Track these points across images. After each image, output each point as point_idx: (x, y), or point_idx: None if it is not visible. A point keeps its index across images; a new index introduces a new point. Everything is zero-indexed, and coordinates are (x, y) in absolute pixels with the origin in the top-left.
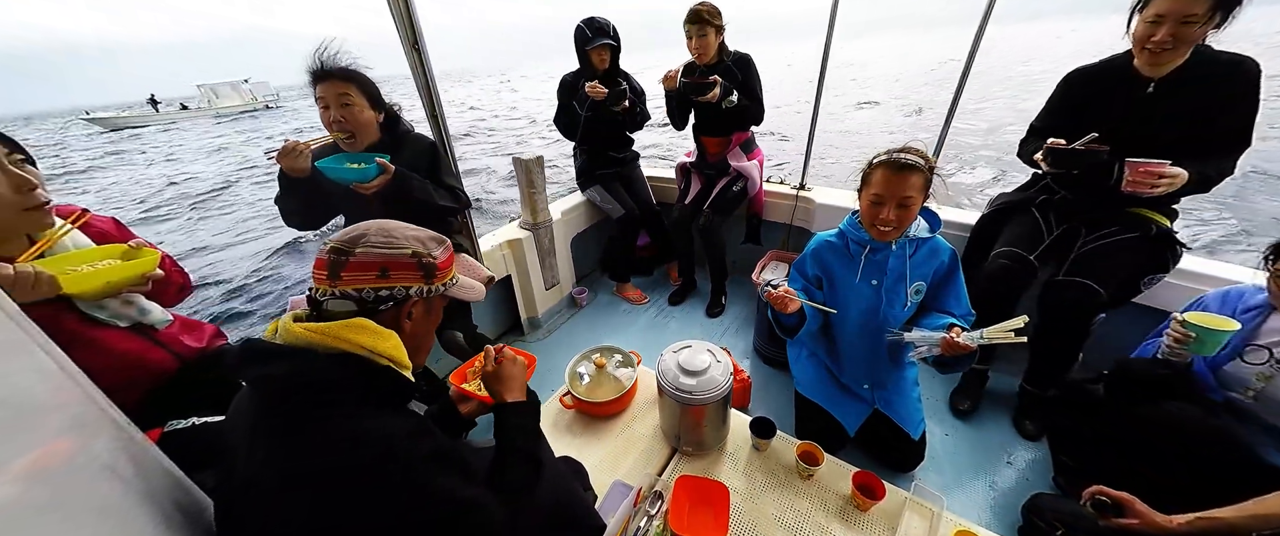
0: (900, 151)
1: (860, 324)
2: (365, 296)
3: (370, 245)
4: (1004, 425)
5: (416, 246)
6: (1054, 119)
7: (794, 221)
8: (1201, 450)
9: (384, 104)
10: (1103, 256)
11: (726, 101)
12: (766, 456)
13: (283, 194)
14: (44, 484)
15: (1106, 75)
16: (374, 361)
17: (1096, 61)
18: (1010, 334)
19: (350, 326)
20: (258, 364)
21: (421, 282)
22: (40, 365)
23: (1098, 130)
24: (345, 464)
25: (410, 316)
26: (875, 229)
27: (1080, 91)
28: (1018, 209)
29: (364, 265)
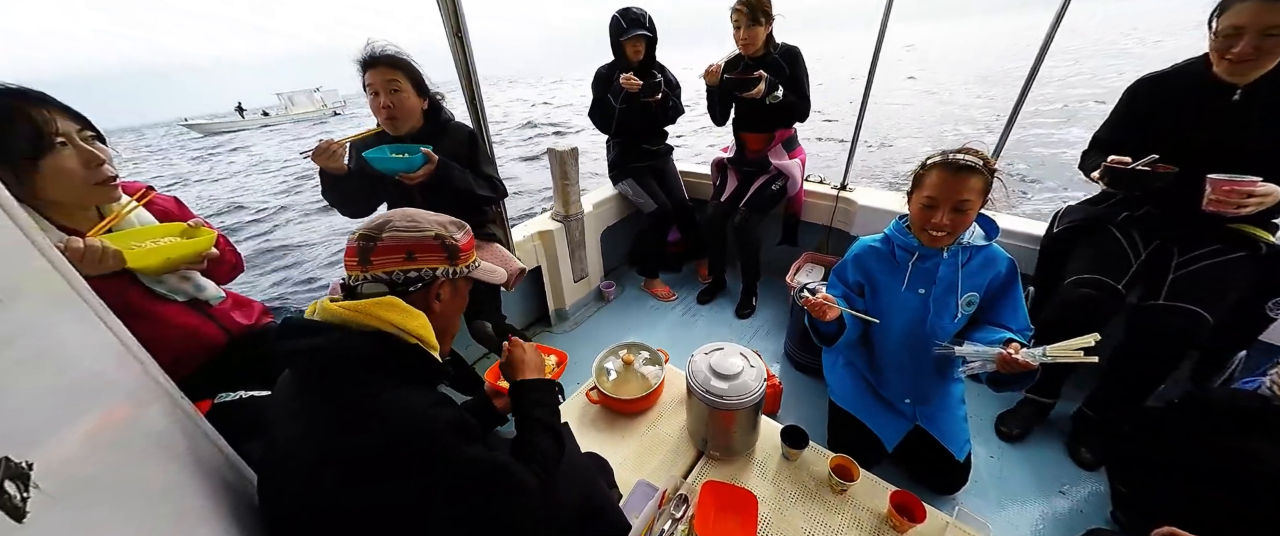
0: (958, 152)
1: (904, 334)
2: (395, 278)
3: (396, 230)
4: (1057, 451)
5: (438, 229)
6: (1119, 130)
7: (833, 223)
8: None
9: (428, 91)
10: (1207, 278)
11: (771, 97)
12: (797, 467)
13: (325, 189)
14: (101, 449)
15: (1179, 82)
16: (403, 339)
17: (1167, 67)
18: (1078, 352)
19: (381, 304)
20: (295, 337)
21: (446, 264)
22: (102, 338)
23: (1168, 141)
24: (376, 437)
25: (439, 298)
26: (926, 234)
27: (1147, 100)
28: (1094, 226)
29: (391, 248)
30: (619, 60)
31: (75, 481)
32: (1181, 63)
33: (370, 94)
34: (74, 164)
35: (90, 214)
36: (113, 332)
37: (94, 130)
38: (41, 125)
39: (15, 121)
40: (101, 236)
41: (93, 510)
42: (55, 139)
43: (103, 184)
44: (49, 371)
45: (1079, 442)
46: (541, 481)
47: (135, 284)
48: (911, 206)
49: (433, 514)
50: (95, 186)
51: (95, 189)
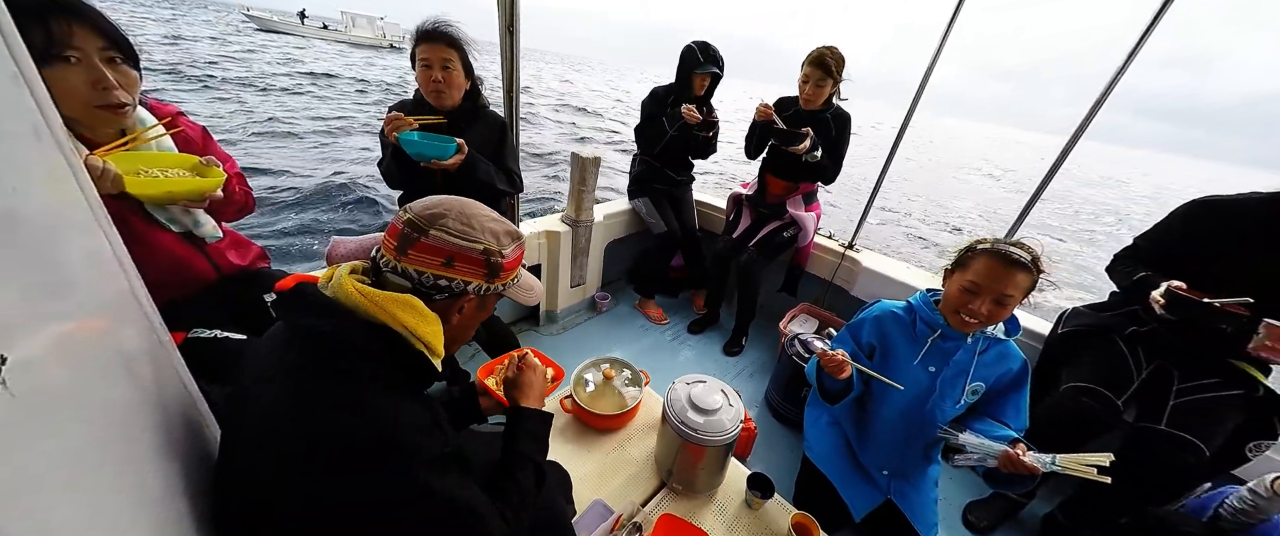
0: (1012, 245)
1: (904, 409)
2: (424, 281)
3: (447, 230)
4: None
5: (490, 241)
6: (1165, 248)
7: (835, 279)
8: None
9: (474, 74)
10: (1205, 411)
11: (809, 155)
12: (757, 515)
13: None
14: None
15: (1244, 211)
16: (410, 342)
17: (1234, 195)
18: (1091, 469)
19: (398, 302)
20: (304, 313)
21: (483, 280)
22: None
23: (1227, 266)
24: (353, 432)
25: (461, 310)
26: (957, 316)
27: (1206, 224)
28: (1100, 335)
29: (434, 249)
30: (681, 88)
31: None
32: (1247, 194)
33: (422, 66)
34: (79, 81)
35: (111, 130)
36: (109, 243)
37: (123, 51)
38: (54, 35)
39: (31, 24)
40: (110, 155)
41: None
42: (65, 52)
43: (107, 108)
44: (40, 266)
45: None
46: (510, 526)
47: (138, 209)
48: (949, 286)
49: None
50: (97, 110)
51: (97, 112)
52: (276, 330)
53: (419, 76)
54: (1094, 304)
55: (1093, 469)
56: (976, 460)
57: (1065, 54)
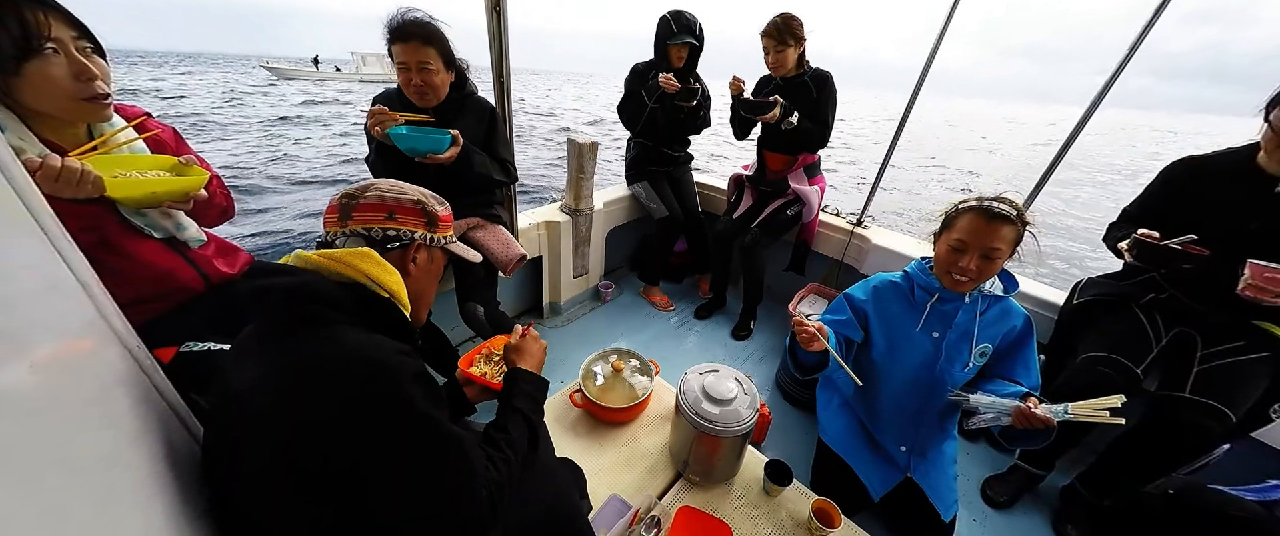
0: (993, 199)
1: (912, 378)
2: (374, 235)
3: (380, 190)
4: (1040, 524)
5: (420, 196)
6: (1151, 209)
7: (845, 258)
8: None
9: (455, 63)
10: (1232, 376)
11: (785, 123)
12: (776, 503)
13: (374, 155)
14: (34, 397)
15: (1220, 168)
16: (375, 290)
17: (1209, 152)
18: (1104, 412)
19: (356, 253)
20: (265, 276)
21: (425, 229)
22: (57, 276)
23: (1210, 224)
24: (336, 375)
25: (415, 261)
26: (949, 277)
27: (1186, 183)
28: (1117, 303)
29: (373, 206)
30: (659, 61)
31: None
32: (1224, 150)
33: (399, 68)
34: (62, 73)
35: (78, 132)
36: (68, 266)
37: (93, 42)
38: (33, 26)
39: (4, 18)
40: (87, 158)
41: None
42: (45, 43)
43: (91, 100)
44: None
45: (1065, 519)
46: (497, 473)
47: (113, 214)
48: (938, 248)
49: (382, 468)
50: (82, 102)
51: (82, 104)
52: (247, 330)
53: (399, 79)
54: (1110, 273)
55: (1104, 411)
56: (991, 419)
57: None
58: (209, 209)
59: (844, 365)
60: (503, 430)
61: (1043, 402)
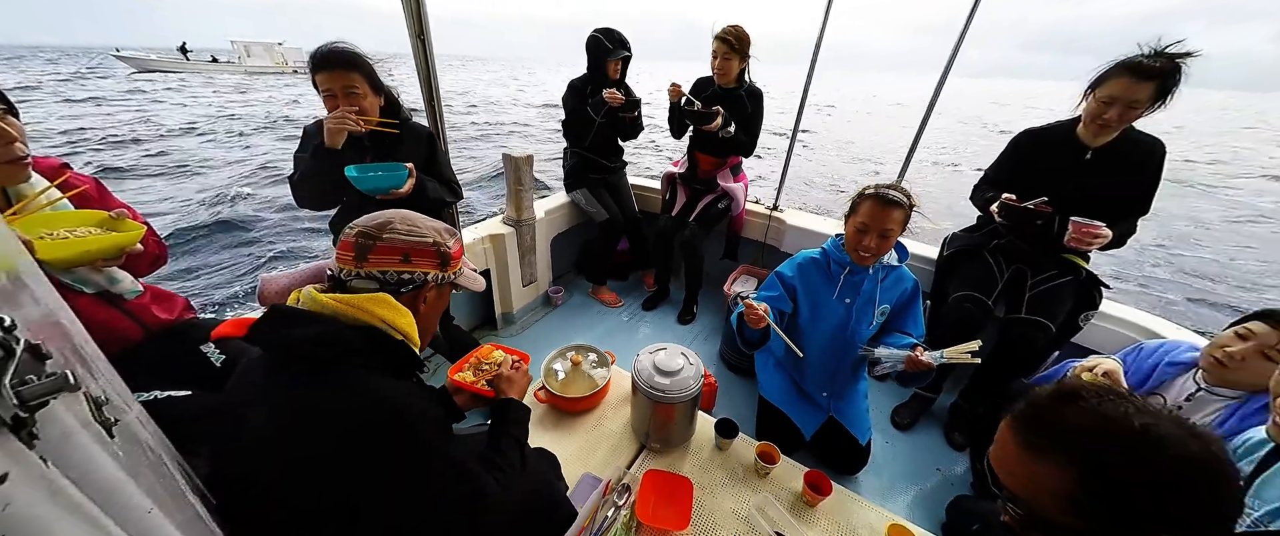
0: (888, 187)
1: (830, 338)
2: (388, 278)
3: (396, 232)
4: (936, 437)
5: (435, 236)
6: (1004, 172)
7: (766, 239)
8: None
9: (383, 87)
10: (1051, 297)
11: (723, 132)
12: (728, 455)
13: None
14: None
15: (1053, 138)
16: (390, 335)
17: (1045, 124)
18: (967, 355)
19: (374, 300)
20: (287, 326)
21: (438, 269)
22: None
23: (1042, 186)
24: (365, 417)
25: (425, 301)
26: (857, 253)
27: (1029, 150)
28: (972, 252)
29: (390, 250)
30: (596, 76)
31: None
32: (1056, 123)
33: (326, 97)
34: None
35: None
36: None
37: (6, 103)
38: None
39: None
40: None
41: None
42: None
43: (10, 164)
44: None
45: (953, 428)
46: (503, 489)
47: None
48: (847, 228)
49: (402, 499)
50: (1, 166)
51: (1, 169)
52: (248, 367)
53: (327, 108)
54: (968, 227)
55: (967, 354)
56: (890, 367)
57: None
58: (140, 260)
59: (787, 341)
60: (500, 453)
61: (926, 350)
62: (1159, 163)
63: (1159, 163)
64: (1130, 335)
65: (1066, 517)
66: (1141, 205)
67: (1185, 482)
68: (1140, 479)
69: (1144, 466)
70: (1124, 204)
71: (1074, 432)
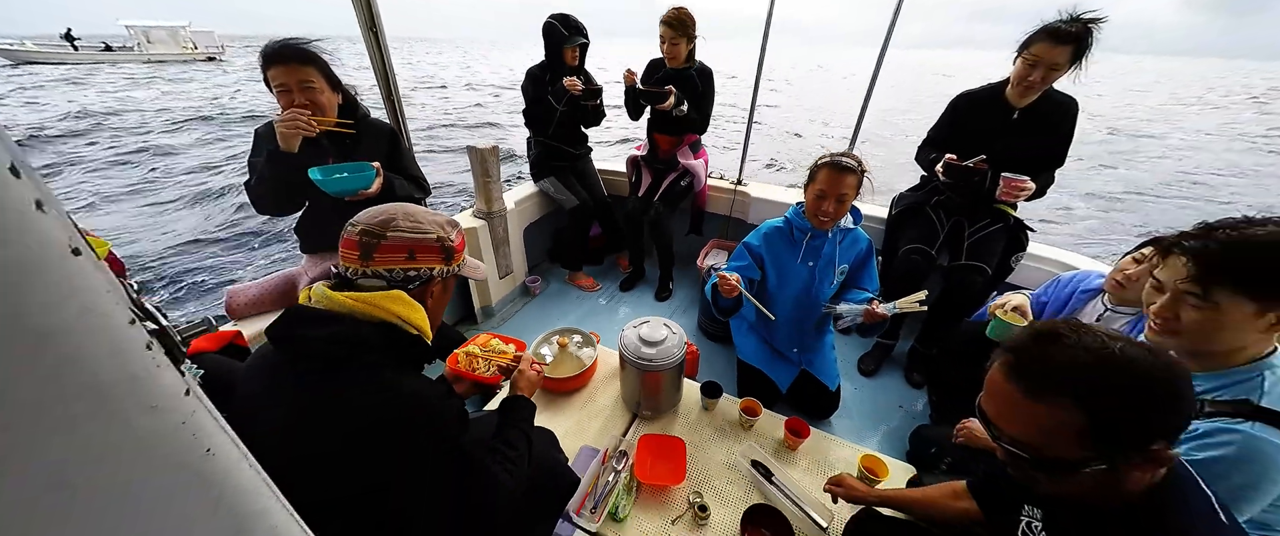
0: (842, 155)
1: (795, 299)
2: (395, 276)
3: (400, 229)
4: (897, 378)
5: (439, 231)
6: (943, 132)
7: (732, 213)
8: None
9: (342, 85)
10: (985, 243)
11: (677, 110)
12: (714, 414)
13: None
14: None
15: (986, 100)
16: (405, 330)
17: (979, 87)
18: (916, 304)
19: (388, 297)
20: (306, 325)
21: (443, 264)
22: None
23: (976, 145)
24: (388, 412)
25: (432, 295)
26: (817, 218)
27: (965, 112)
28: (916, 208)
29: (395, 247)
30: (554, 64)
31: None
32: (988, 85)
33: (280, 93)
34: None
35: None
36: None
37: None
38: None
39: None
40: None
41: None
42: None
43: None
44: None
45: (911, 369)
46: (514, 480)
47: None
48: (806, 196)
49: (422, 489)
50: None
51: None
52: (257, 364)
53: (282, 105)
54: (912, 186)
55: (916, 303)
56: (851, 320)
57: None
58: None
59: (758, 306)
60: (510, 445)
61: (881, 303)
62: (1073, 120)
63: (1073, 120)
64: (1052, 270)
65: (1076, 451)
66: (1058, 159)
67: (1165, 389)
68: (1134, 399)
69: (1135, 387)
70: (1045, 159)
71: (1066, 370)
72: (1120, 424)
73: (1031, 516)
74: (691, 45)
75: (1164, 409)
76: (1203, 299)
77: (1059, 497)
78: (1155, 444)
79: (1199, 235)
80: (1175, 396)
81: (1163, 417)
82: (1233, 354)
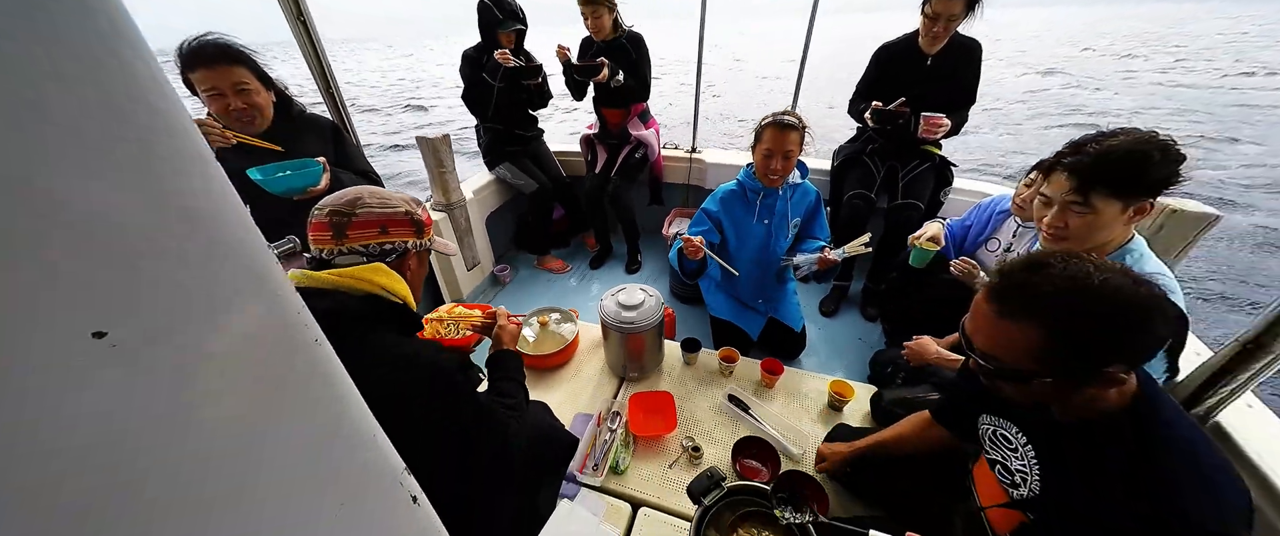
0: (783, 113)
1: (755, 256)
2: (371, 251)
3: (368, 206)
4: (855, 315)
5: (406, 205)
6: (871, 84)
7: (690, 181)
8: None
9: (273, 83)
10: (917, 182)
11: (614, 81)
12: (695, 367)
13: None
14: None
15: (903, 50)
16: (391, 299)
17: (897, 38)
18: (862, 246)
19: (371, 269)
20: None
21: (415, 237)
22: None
23: (899, 91)
24: (403, 376)
25: (409, 268)
26: (767, 177)
27: (886, 63)
28: (855, 158)
29: (367, 224)
30: (490, 45)
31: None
32: (904, 36)
33: (209, 97)
34: None
35: None
36: None
37: None
38: None
39: None
40: None
41: None
42: None
43: None
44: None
45: (866, 305)
46: (520, 426)
47: None
48: (755, 156)
49: (437, 441)
50: None
51: None
52: None
53: (212, 109)
54: (850, 139)
55: (861, 246)
56: (808, 269)
57: None
58: None
59: (722, 263)
60: (507, 395)
61: (832, 249)
62: (977, 60)
63: (977, 60)
64: (974, 199)
65: (1030, 365)
66: (970, 97)
67: (1132, 318)
68: (1097, 324)
69: (1102, 313)
70: (959, 98)
71: (1045, 295)
72: (1075, 346)
73: (992, 424)
74: (614, 14)
75: (1129, 335)
76: (1084, 205)
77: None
78: (1110, 366)
79: (1072, 152)
80: (1142, 325)
81: (1123, 343)
82: (1104, 246)
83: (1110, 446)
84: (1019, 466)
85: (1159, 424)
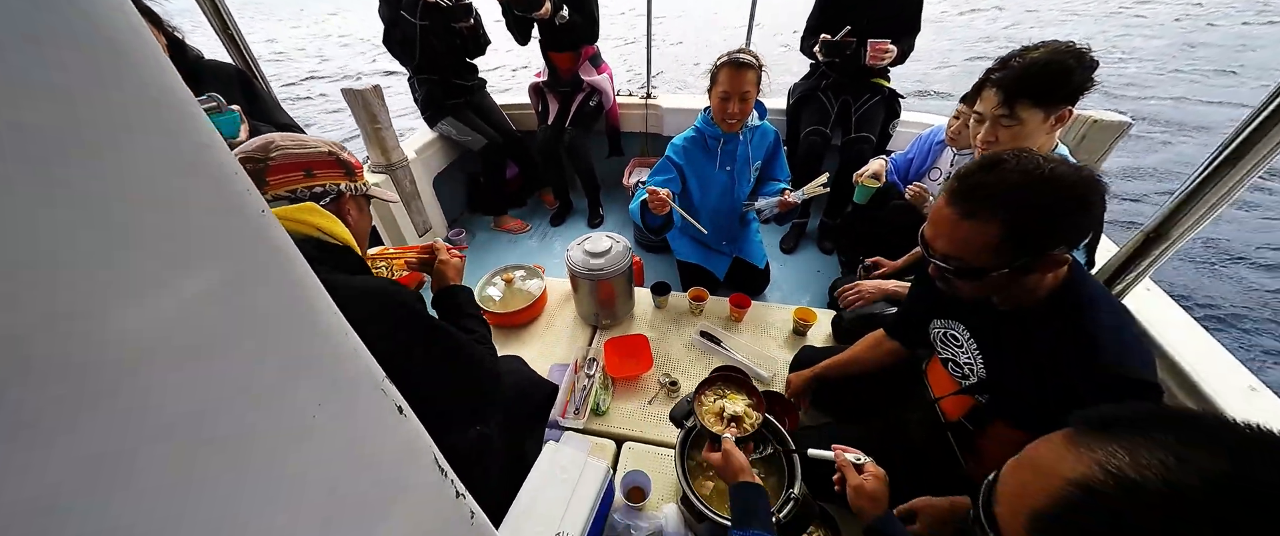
0: (738, 52)
1: (718, 202)
2: (299, 195)
3: (283, 149)
4: (814, 251)
5: (329, 147)
6: (818, 18)
7: (648, 129)
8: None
9: (162, 22)
10: (869, 115)
11: (558, 17)
12: (667, 309)
13: None
14: None
15: None
16: (331, 242)
17: None
18: (820, 187)
19: (303, 209)
20: None
21: (346, 179)
22: None
23: (843, 21)
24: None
25: (349, 214)
26: (725, 122)
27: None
28: (809, 95)
29: (286, 167)
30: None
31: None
32: None
33: None
34: None
35: None
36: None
37: None
38: None
39: None
40: None
41: None
42: None
43: None
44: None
45: (823, 239)
46: (491, 357)
47: None
48: (712, 100)
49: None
50: None
51: None
52: None
53: None
54: (805, 76)
55: (820, 186)
56: (769, 212)
57: None
58: None
59: (691, 221)
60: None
61: (791, 191)
62: None
63: None
64: (919, 130)
65: (990, 260)
66: (914, 25)
67: (1077, 199)
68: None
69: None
70: (903, 25)
71: (1006, 188)
72: (1031, 234)
73: (942, 326)
74: None
75: (1072, 215)
76: (1011, 117)
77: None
78: (1056, 249)
79: (998, 68)
80: (1083, 205)
81: (1069, 224)
82: None
83: (1039, 329)
84: (966, 359)
85: (1084, 299)
